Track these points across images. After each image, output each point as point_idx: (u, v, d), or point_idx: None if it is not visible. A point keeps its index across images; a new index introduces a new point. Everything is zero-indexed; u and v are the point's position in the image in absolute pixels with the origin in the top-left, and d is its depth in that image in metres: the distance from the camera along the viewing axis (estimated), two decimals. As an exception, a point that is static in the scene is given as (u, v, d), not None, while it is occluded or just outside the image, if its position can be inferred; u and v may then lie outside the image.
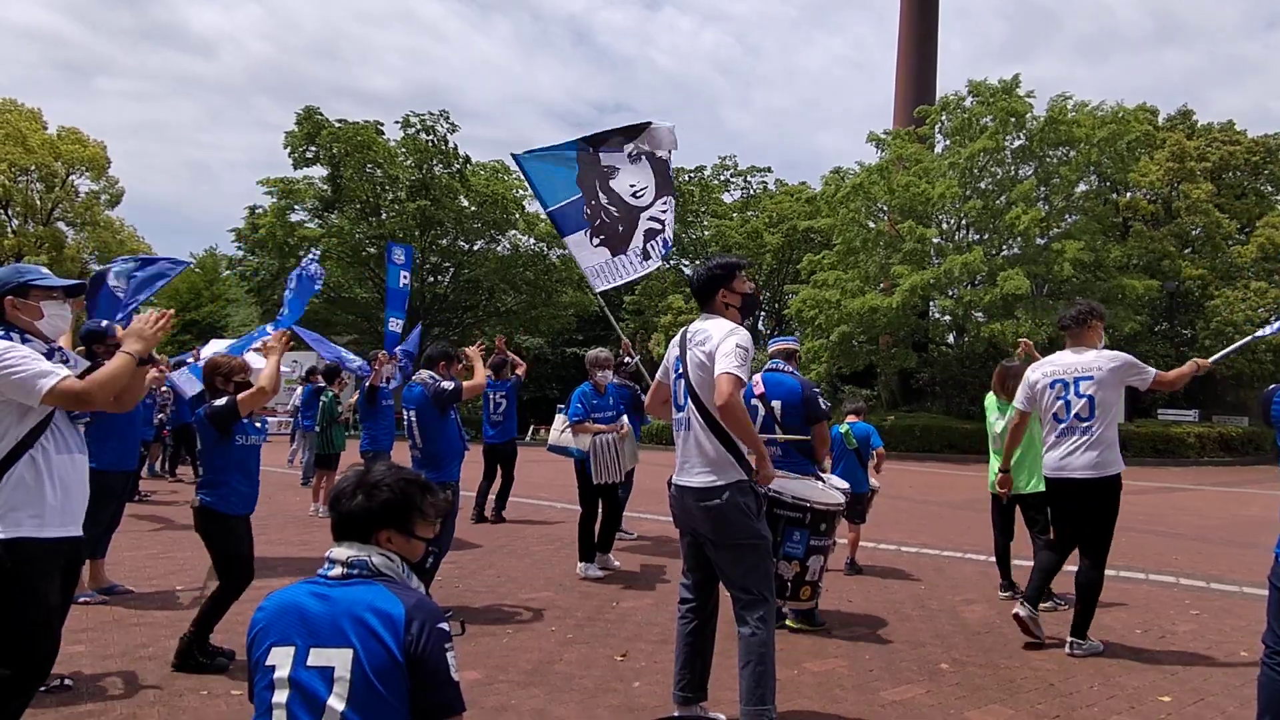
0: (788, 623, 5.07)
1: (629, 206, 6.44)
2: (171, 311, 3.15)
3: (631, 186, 6.38)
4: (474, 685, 3.85)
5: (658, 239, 6.55)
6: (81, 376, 2.76)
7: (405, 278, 9.40)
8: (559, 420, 6.81)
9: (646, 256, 6.55)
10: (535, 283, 31.66)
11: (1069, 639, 4.62)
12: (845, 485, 5.09)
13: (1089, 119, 23.46)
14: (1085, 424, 4.63)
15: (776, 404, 4.92)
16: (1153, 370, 4.75)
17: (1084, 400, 4.65)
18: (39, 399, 2.64)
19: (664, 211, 6.46)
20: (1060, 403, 4.73)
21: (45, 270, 3.08)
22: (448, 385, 5.39)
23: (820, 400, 4.97)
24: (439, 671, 1.80)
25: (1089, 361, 4.72)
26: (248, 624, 1.91)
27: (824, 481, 4.93)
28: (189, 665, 4.06)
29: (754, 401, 4.96)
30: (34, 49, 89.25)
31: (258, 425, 4.45)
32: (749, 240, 31.63)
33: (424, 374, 5.49)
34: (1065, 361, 4.84)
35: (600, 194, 6.52)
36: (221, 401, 4.26)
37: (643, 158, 6.29)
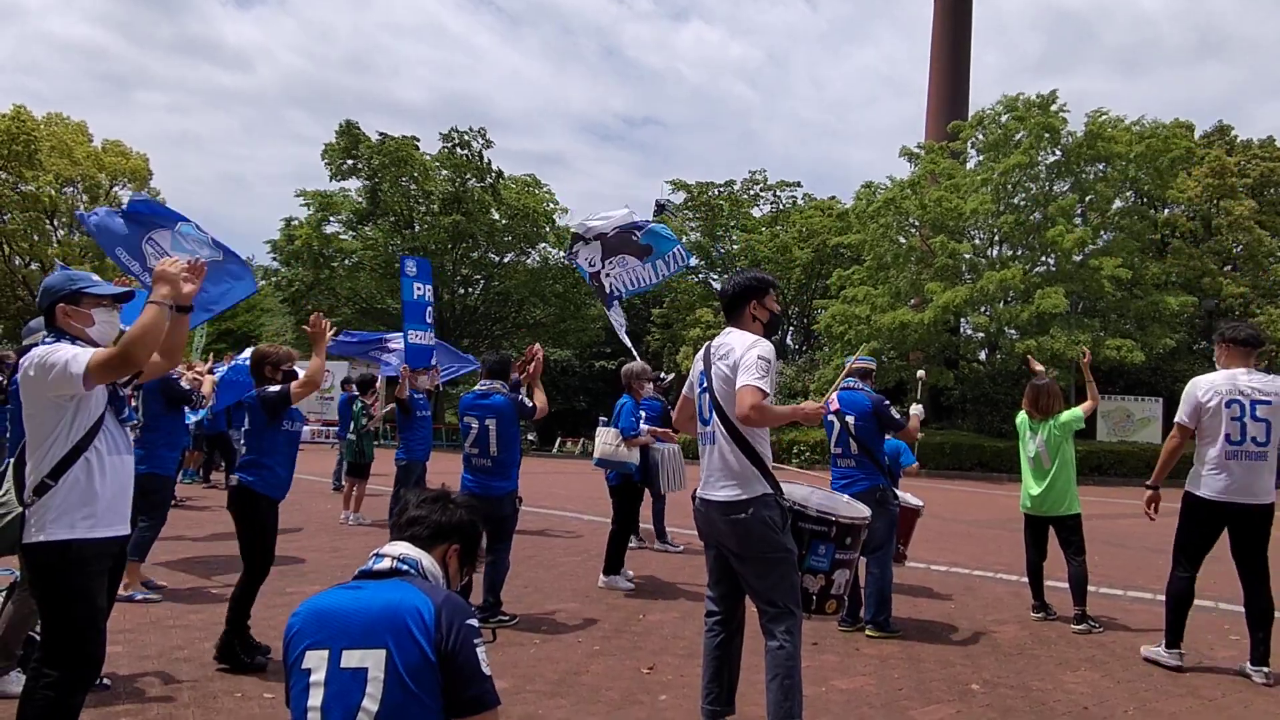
0: (867, 632, 5.26)
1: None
2: (204, 262, 3.07)
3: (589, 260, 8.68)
4: (501, 694, 3.86)
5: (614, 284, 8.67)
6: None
7: (419, 289, 9.13)
8: (609, 434, 6.71)
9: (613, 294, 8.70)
10: (564, 295, 31.79)
11: (1253, 667, 4.52)
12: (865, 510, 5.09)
13: (1125, 134, 23.15)
14: (1261, 449, 4.51)
15: (850, 419, 5.35)
16: None
17: (1262, 424, 4.51)
18: (81, 378, 2.62)
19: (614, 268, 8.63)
20: (1235, 424, 4.55)
21: (96, 277, 3.08)
22: (529, 402, 5.53)
23: (891, 410, 5.40)
24: (471, 666, 1.85)
25: (1267, 384, 4.57)
26: (279, 627, 1.96)
27: (898, 495, 5.60)
28: (231, 660, 4.17)
29: (830, 417, 5.41)
30: (77, 61, 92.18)
31: (302, 414, 4.62)
32: (778, 255, 31.42)
33: (496, 384, 5.51)
34: (1239, 382, 4.61)
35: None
36: (276, 388, 4.44)
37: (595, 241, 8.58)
